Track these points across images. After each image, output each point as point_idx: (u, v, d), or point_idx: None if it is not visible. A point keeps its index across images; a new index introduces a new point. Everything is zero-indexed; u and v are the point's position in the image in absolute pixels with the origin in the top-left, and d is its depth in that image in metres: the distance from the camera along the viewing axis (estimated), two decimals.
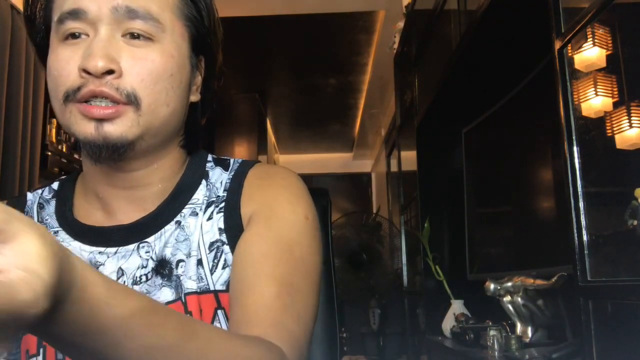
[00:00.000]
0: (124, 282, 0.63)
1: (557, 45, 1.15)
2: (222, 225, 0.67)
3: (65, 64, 0.60)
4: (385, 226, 4.42)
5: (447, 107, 2.27)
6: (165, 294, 0.63)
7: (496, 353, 1.53)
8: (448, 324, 2.14)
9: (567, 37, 1.12)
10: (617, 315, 1.00)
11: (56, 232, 0.68)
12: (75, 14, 0.61)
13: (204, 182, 0.71)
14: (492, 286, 1.64)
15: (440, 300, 2.33)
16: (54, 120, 3.72)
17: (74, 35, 0.61)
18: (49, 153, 3.58)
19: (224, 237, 0.66)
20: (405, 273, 3.18)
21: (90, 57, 0.58)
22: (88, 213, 0.69)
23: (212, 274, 0.65)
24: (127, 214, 0.67)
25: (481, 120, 2.18)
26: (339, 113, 5.95)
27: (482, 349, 1.68)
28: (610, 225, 1.07)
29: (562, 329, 1.55)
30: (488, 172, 2.18)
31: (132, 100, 0.60)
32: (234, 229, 0.66)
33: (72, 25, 0.61)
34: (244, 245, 0.64)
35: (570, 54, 1.13)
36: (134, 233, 0.66)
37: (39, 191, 0.74)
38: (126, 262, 0.65)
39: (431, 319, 2.41)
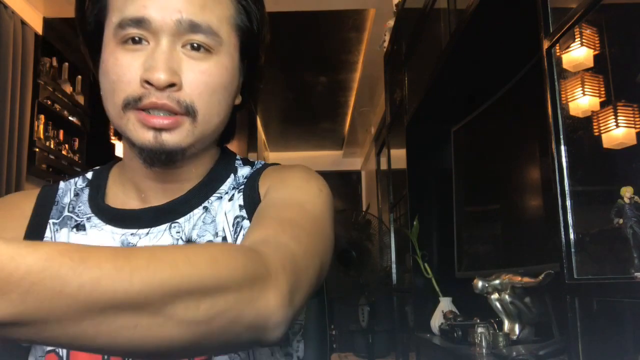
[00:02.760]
0: None
1: (545, 45, 1.16)
2: (241, 202, 0.71)
3: (126, 70, 0.62)
4: (375, 224, 4.43)
5: (437, 106, 2.28)
6: None
7: (484, 350, 1.55)
8: (436, 321, 2.15)
9: (555, 37, 1.13)
10: (603, 312, 1.01)
11: (89, 219, 0.71)
12: (139, 22, 0.62)
13: (232, 176, 0.75)
14: (480, 284, 1.65)
15: (429, 297, 2.35)
16: (42, 117, 3.69)
17: (134, 40, 0.62)
18: (37, 149, 3.55)
19: (243, 212, 0.70)
20: (394, 271, 3.19)
21: (154, 70, 0.60)
22: (122, 201, 0.72)
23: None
24: (159, 200, 0.70)
25: (470, 119, 2.19)
26: (329, 111, 5.95)
27: (470, 346, 1.69)
28: (596, 223, 1.08)
29: (548, 326, 1.56)
30: (477, 170, 2.19)
31: (189, 112, 0.63)
32: (252, 205, 0.70)
33: (134, 32, 0.62)
34: (257, 210, 0.66)
35: (558, 54, 1.14)
36: (164, 214, 0.69)
37: (73, 180, 0.76)
38: (158, 241, 0.67)
39: (420, 316, 2.42)
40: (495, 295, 1.63)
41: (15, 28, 3.30)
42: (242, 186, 0.73)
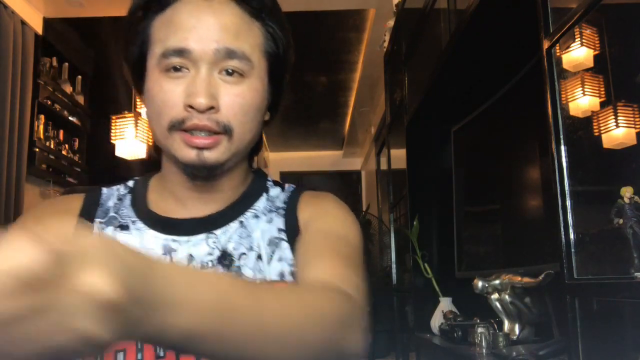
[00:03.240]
0: (194, 266, 0.73)
1: (546, 45, 1.16)
2: (281, 226, 0.79)
3: (171, 96, 0.70)
4: (375, 224, 4.43)
5: (437, 106, 2.28)
6: None
7: (484, 350, 1.55)
8: (436, 321, 2.15)
9: (555, 37, 1.13)
10: (602, 312, 1.01)
11: (134, 222, 0.78)
12: (181, 52, 0.70)
13: (264, 194, 0.83)
14: (480, 284, 1.65)
15: (429, 297, 2.35)
16: (42, 117, 3.69)
17: (176, 69, 0.70)
18: (37, 149, 3.55)
19: (282, 235, 0.78)
20: (394, 271, 3.19)
21: (195, 96, 0.68)
22: (161, 207, 0.79)
23: (269, 265, 0.75)
24: (198, 210, 0.78)
25: (470, 119, 2.19)
26: (329, 111, 5.95)
27: (470, 346, 1.69)
28: (596, 223, 1.08)
29: (548, 326, 1.56)
30: (477, 170, 2.19)
31: (226, 131, 0.71)
32: (291, 230, 0.78)
33: (176, 61, 0.70)
34: (304, 239, 0.74)
35: (558, 54, 1.14)
36: (202, 225, 0.76)
37: (115, 187, 0.84)
38: (196, 249, 0.75)
39: (420, 316, 2.42)
40: (495, 295, 1.63)
41: (15, 28, 3.30)
42: (280, 210, 0.81)
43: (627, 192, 0.95)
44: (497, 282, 1.62)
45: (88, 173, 4.21)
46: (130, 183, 0.84)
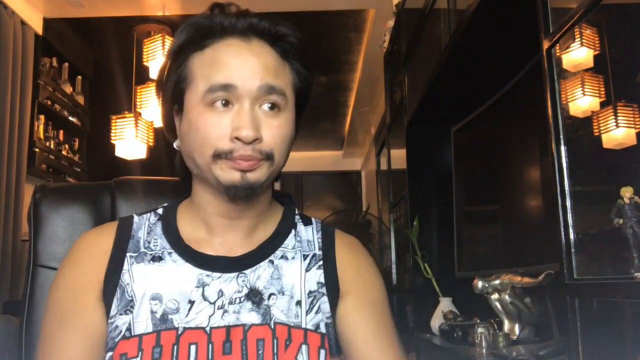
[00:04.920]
0: (222, 301, 0.79)
1: (546, 45, 1.16)
2: (322, 280, 0.86)
3: (216, 129, 0.76)
4: (375, 224, 4.43)
5: (437, 106, 2.28)
6: (252, 317, 0.79)
7: (484, 350, 1.55)
8: (437, 321, 2.15)
9: (555, 37, 1.13)
10: (603, 312, 1.01)
11: (170, 253, 0.83)
12: (227, 88, 0.76)
13: (293, 231, 0.90)
14: (480, 284, 1.65)
15: (429, 297, 2.34)
16: (42, 117, 3.69)
17: (221, 103, 0.77)
18: (37, 149, 3.55)
19: (323, 290, 0.85)
20: (394, 271, 3.19)
21: (242, 129, 0.75)
22: (194, 238, 0.85)
23: (307, 314, 0.82)
24: (225, 238, 0.85)
25: (470, 119, 2.19)
26: (329, 111, 5.95)
27: (470, 346, 1.69)
28: (596, 223, 1.08)
29: (548, 326, 1.56)
30: (477, 170, 2.19)
31: (269, 157, 0.78)
32: (332, 285, 0.86)
33: (221, 95, 0.77)
34: (351, 315, 0.85)
35: (558, 54, 1.14)
36: (235, 264, 0.83)
37: (146, 216, 0.89)
38: (227, 285, 0.81)
39: (420, 316, 2.42)
40: (495, 296, 1.63)
41: (15, 28, 3.30)
42: (320, 261, 0.87)
43: (627, 192, 0.94)
44: (497, 282, 1.62)
45: (88, 173, 4.21)
46: (160, 211, 0.90)
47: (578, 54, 1.13)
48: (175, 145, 0.87)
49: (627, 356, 0.98)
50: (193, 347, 0.75)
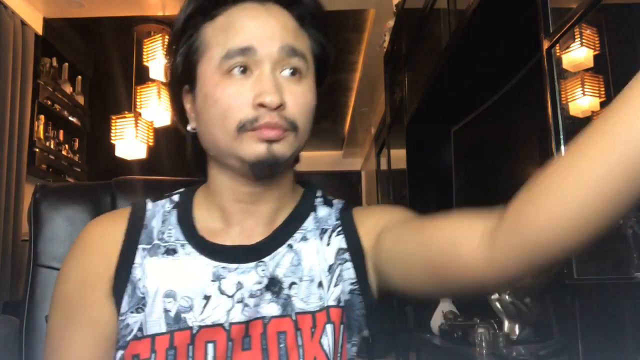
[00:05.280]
0: (242, 294, 0.74)
1: (546, 45, 1.16)
2: (343, 246, 0.80)
3: (237, 98, 0.71)
4: None
5: (437, 106, 2.28)
6: (272, 309, 0.74)
7: (484, 350, 1.55)
8: (437, 321, 2.15)
9: (555, 37, 1.13)
10: (603, 312, 1.01)
11: (183, 245, 0.77)
12: (246, 50, 0.71)
13: (312, 214, 0.83)
14: None
15: None
16: (42, 117, 3.69)
17: (239, 70, 0.71)
18: (37, 149, 3.55)
19: (345, 255, 0.79)
20: None
21: (266, 94, 0.69)
22: (209, 227, 0.79)
23: (328, 292, 0.76)
24: (243, 226, 0.79)
25: (470, 119, 2.19)
26: (329, 111, 5.95)
27: (470, 346, 1.69)
28: None
29: (549, 326, 1.56)
30: (476, 170, 2.19)
31: (293, 127, 0.73)
32: (355, 248, 0.80)
33: (239, 60, 0.71)
34: (398, 236, 0.77)
35: (558, 54, 1.14)
36: (252, 253, 0.77)
37: (160, 203, 0.82)
38: (245, 277, 0.75)
39: (420, 316, 2.42)
40: (495, 296, 1.63)
41: (15, 28, 3.30)
42: (337, 228, 0.82)
43: None
44: None
45: (88, 173, 4.22)
46: (176, 197, 0.84)
47: (578, 54, 1.13)
48: (189, 128, 0.79)
49: (627, 356, 0.98)
50: (210, 346, 0.71)
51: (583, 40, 1.12)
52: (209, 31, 0.74)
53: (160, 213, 0.81)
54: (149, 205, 0.81)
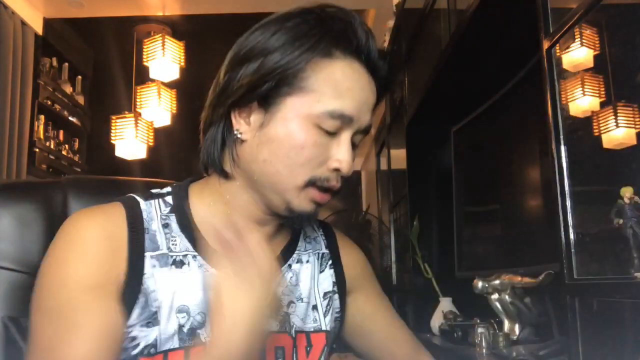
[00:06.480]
0: None
1: (545, 45, 1.16)
2: (334, 279, 0.88)
3: (321, 154, 0.74)
4: (375, 224, 4.42)
5: (437, 106, 2.28)
6: (270, 324, 0.77)
7: (484, 350, 1.54)
8: (437, 321, 2.15)
9: (555, 37, 1.13)
10: (603, 312, 1.01)
11: (194, 257, 0.76)
12: (347, 118, 0.74)
13: (302, 232, 0.90)
14: (480, 284, 1.65)
15: (429, 297, 2.34)
16: (42, 117, 3.69)
17: (332, 129, 0.74)
18: (37, 149, 3.55)
19: (335, 288, 0.88)
20: (394, 271, 3.19)
21: (346, 164, 0.75)
22: (206, 219, 0.79)
23: (324, 317, 0.83)
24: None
25: (470, 119, 2.19)
26: None
27: (470, 346, 1.69)
28: (596, 223, 1.08)
29: (549, 326, 1.56)
30: (477, 170, 2.19)
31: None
32: (340, 284, 0.89)
33: (337, 125, 0.74)
34: (366, 308, 0.93)
35: (558, 54, 1.14)
36: None
37: (154, 203, 0.78)
38: None
39: (420, 316, 2.41)
40: (495, 296, 1.63)
41: (15, 28, 3.30)
42: (330, 260, 0.89)
43: (627, 192, 0.94)
44: (497, 282, 1.62)
45: (88, 173, 4.22)
46: (169, 198, 0.80)
47: (578, 54, 1.13)
48: (237, 133, 0.75)
49: (627, 356, 0.98)
50: None
51: (583, 40, 1.12)
52: (322, 72, 0.73)
53: (157, 217, 0.77)
54: (142, 205, 0.77)
